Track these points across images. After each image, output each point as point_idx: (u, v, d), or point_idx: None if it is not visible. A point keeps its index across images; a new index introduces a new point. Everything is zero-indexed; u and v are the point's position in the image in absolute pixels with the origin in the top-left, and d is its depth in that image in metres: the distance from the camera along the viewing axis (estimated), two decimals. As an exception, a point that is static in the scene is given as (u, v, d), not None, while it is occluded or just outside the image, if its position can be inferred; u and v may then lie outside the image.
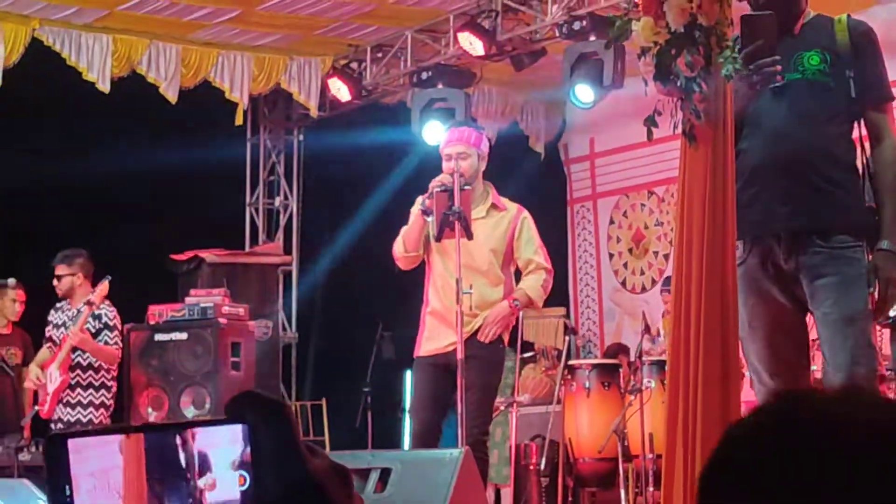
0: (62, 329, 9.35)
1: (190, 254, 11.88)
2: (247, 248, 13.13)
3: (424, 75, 12.11)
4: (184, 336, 10.02)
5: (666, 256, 12.69)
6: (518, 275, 7.36)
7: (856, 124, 4.67)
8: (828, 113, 4.60)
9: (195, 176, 11.38)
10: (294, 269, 13.27)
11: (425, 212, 7.12)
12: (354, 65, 12.84)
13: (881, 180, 4.60)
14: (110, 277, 9.19)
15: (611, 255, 13.35)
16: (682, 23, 4.23)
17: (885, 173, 4.59)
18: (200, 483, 1.19)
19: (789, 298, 4.63)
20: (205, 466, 1.19)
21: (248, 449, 1.18)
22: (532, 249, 7.28)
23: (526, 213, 7.35)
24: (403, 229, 7.30)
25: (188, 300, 10.39)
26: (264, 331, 11.54)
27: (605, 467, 9.17)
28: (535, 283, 7.26)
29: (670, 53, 4.26)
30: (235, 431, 1.18)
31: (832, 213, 4.57)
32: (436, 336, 7.13)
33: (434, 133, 11.64)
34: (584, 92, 11.02)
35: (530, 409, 10.34)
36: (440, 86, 12.06)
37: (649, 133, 4.43)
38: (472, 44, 11.42)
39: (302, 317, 13.40)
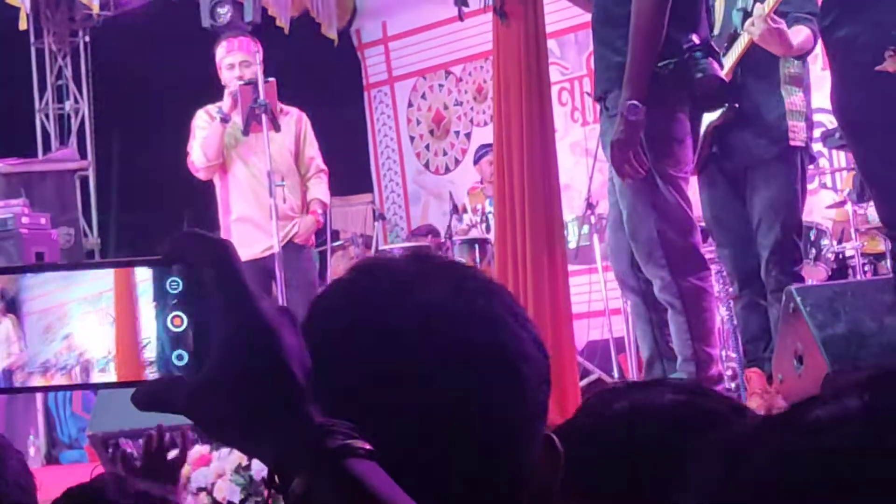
0: None
1: (-18, 166, 11.54)
2: (40, 155, 12.80)
3: (210, -33, 11.84)
4: (-15, 250, 9.76)
5: (468, 135, 12.76)
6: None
7: None
8: None
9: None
10: (91, 173, 12.99)
11: (224, 118, 7.15)
12: (137, -40, 12.51)
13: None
14: None
15: (412, 138, 13.36)
16: None
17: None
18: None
19: None
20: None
21: (183, 290, 1.15)
22: (313, 150, 7.49)
23: (305, 116, 7.54)
24: (197, 139, 7.27)
25: (-14, 213, 10.12)
26: (66, 238, 11.31)
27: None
28: (323, 188, 7.47)
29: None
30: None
31: None
32: (248, 242, 7.10)
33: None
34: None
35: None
36: (227, -23, 11.82)
37: (460, 14, 4.43)
38: (258, -68, 11.21)
39: (103, 222, 13.16)
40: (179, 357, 1.15)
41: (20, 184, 11.24)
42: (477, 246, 8.99)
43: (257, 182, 7.15)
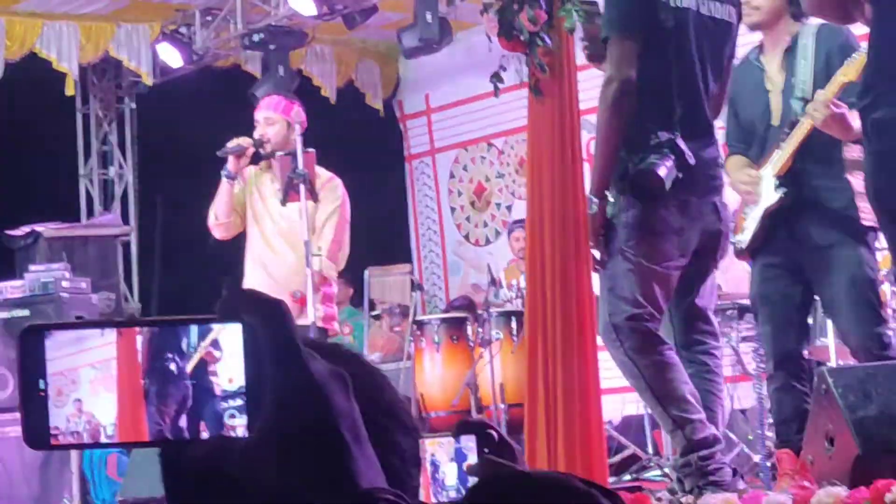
0: None
1: (26, 228, 11.64)
2: (84, 221, 12.92)
3: (256, 37, 12.00)
4: (26, 313, 9.82)
5: (509, 208, 12.79)
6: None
7: None
8: None
9: (27, 149, 11.16)
10: (133, 239, 13.09)
11: (228, 176, 7.15)
12: (184, 29, 12.66)
13: None
14: None
15: (452, 209, 13.41)
16: (523, -23, 4.27)
17: None
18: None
19: None
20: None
21: (236, 349, 1.16)
22: (332, 208, 7.26)
23: (337, 179, 7.36)
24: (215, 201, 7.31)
25: (27, 276, 10.19)
26: (107, 303, 11.37)
27: (458, 420, 9.23)
28: (330, 263, 7.25)
29: (513, 9, 4.30)
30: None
31: None
32: None
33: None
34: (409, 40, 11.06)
35: (381, 367, 10.36)
36: (272, 47, 11.97)
37: (496, 90, 4.47)
38: (303, 3, 11.35)
39: (144, 287, 13.24)
40: (231, 416, 1.17)
41: (63, 248, 11.33)
42: (514, 318, 8.99)
43: (267, 247, 7.15)
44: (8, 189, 11.52)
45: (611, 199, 4.49)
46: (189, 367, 1.19)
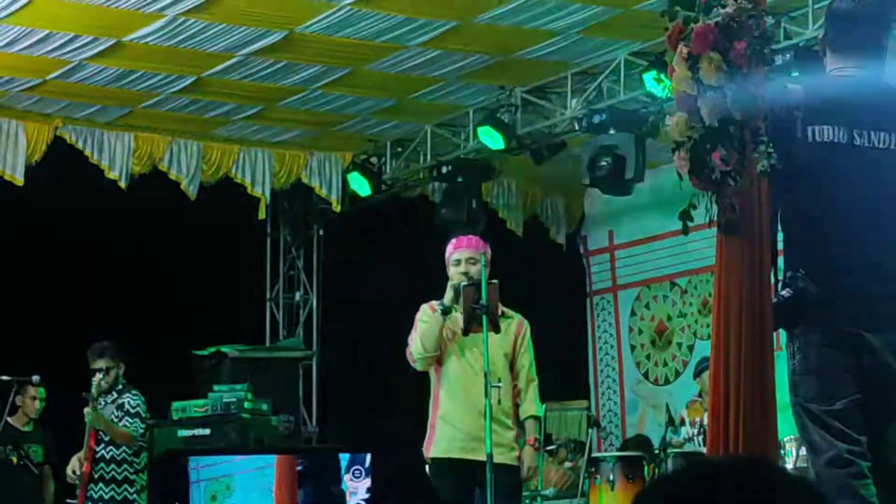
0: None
1: (212, 349, 11.87)
2: (268, 343, 13.13)
3: (444, 169, 12.17)
4: (206, 432, 9.99)
5: (690, 348, 12.66)
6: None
7: None
8: None
9: (217, 271, 11.42)
10: (314, 363, 13.25)
11: (445, 311, 7.24)
12: (374, 159, 12.91)
13: None
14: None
15: (632, 347, 13.32)
16: (716, 117, 4.26)
17: None
18: None
19: None
20: None
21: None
22: (528, 359, 7.50)
23: (527, 323, 7.58)
24: (418, 331, 7.37)
25: (211, 395, 10.37)
26: (286, 425, 11.49)
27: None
28: (537, 403, 7.50)
29: (705, 148, 4.29)
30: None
31: None
32: (450, 440, 7.19)
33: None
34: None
35: (555, 502, 10.27)
36: (460, 179, 12.13)
37: (685, 228, 4.45)
38: (492, 137, 11.49)
39: (322, 411, 13.36)
40: None
41: (247, 369, 11.52)
42: (692, 460, 8.85)
43: (469, 379, 7.22)
44: (196, 309, 11.78)
45: None
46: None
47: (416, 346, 7.38)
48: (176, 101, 11.46)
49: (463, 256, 7.38)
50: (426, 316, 7.37)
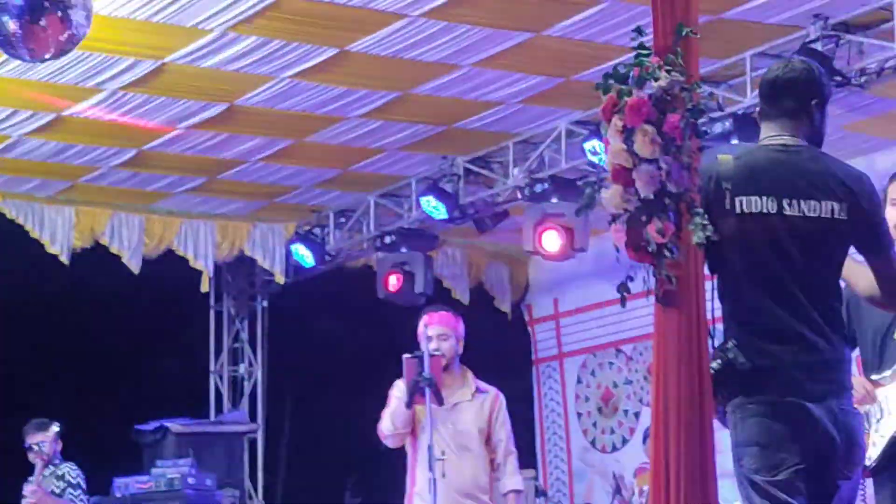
0: None
1: (155, 424, 11.77)
2: (212, 416, 13.02)
3: (388, 239, 12.18)
4: (150, 508, 9.89)
5: (636, 415, 12.65)
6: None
7: None
8: None
9: (159, 345, 11.35)
10: (259, 436, 13.14)
11: (409, 403, 7.24)
12: (318, 230, 12.89)
13: None
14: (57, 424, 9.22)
15: (579, 415, 13.30)
16: (652, 190, 4.26)
17: None
18: None
19: None
20: None
21: None
22: (505, 433, 7.54)
23: (502, 396, 7.63)
24: (390, 407, 7.36)
25: (154, 471, 10.28)
26: (231, 499, 11.40)
27: None
28: (518, 477, 7.61)
29: (641, 220, 4.29)
30: None
31: None
32: None
33: (400, 293, 11.88)
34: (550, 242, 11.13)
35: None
36: (404, 249, 12.13)
37: (623, 300, 4.44)
38: (435, 207, 11.50)
39: (268, 485, 13.25)
40: None
41: (190, 444, 11.42)
42: (639, 528, 8.84)
43: (439, 452, 7.21)
44: (139, 383, 11.70)
45: None
46: None
47: (386, 422, 7.39)
48: (117, 175, 11.41)
49: (434, 332, 7.42)
50: (398, 391, 7.36)
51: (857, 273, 4.88)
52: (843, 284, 4.74)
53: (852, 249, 4.70)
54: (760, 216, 4.55)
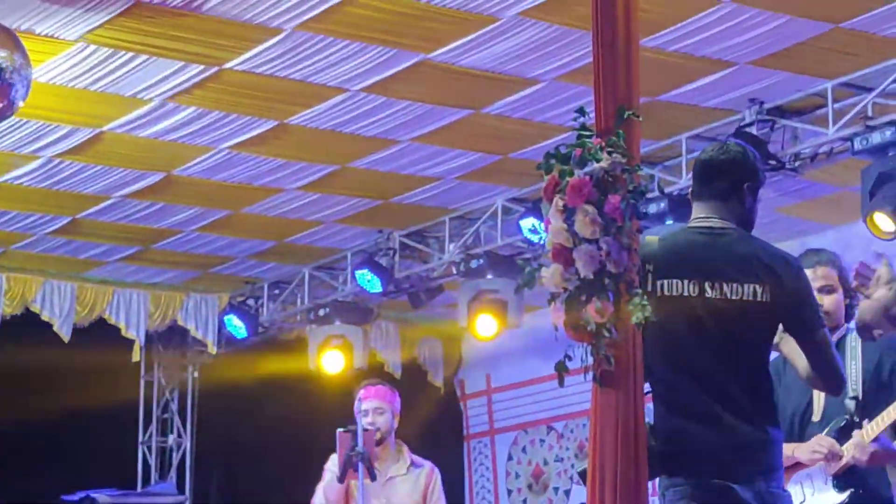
0: None
1: (81, 494, 11.61)
2: (139, 488, 12.87)
3: (322, 312, 12.16)
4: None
5: (567, 492, 12.64)
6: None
7: None
8: None
9: (88, 414, 11.21)
10: (188, 508, 13.00)
11: (341, 480, 7.23)
12: (251, 301, 12.84)
13: None
14: None
15: (509, 491, 13.27)
16: (591, 270, 4.29)
17: None
18: None
19: None
20: None
21: None
22: None
23: (437, 471, 7.72)
24: (324, 481, 7.37)
25: (80, 543, 10.12)
26: (157, 574, 11.25)
27: None
28: None
29: (580, 300, 4.31)
30: None
31: None
32: None
33: (332, 366, 11.85)
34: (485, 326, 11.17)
35: None
36: (338, 322, 12.11)
37: (560, 379, 4.44)
38: (370, 281, 11.49)
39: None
40: None
41: (117, 515, 11.27)
42: None
43: None
44: (67, 453, 11.55)
45: None
46: None
47: (319, 497, 7.39)
48: (50, 242, 11.34)
49: (370, 406, 7.45)
50: (333, 465, 7.34)
51: (796, 354, 4.92)
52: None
53: None
54: (681, 298, 4.57)
